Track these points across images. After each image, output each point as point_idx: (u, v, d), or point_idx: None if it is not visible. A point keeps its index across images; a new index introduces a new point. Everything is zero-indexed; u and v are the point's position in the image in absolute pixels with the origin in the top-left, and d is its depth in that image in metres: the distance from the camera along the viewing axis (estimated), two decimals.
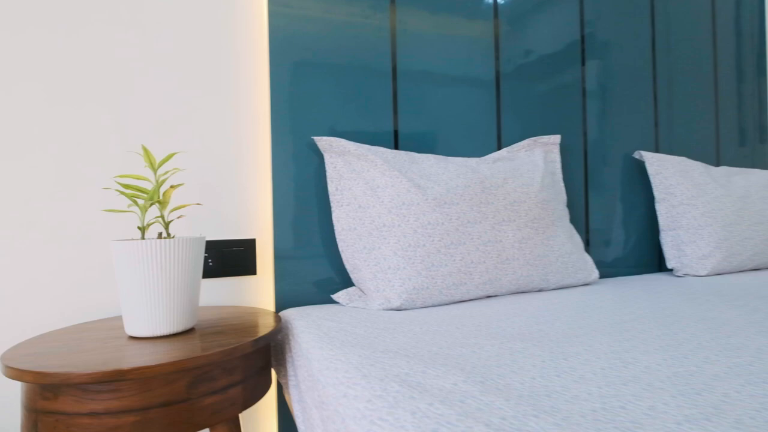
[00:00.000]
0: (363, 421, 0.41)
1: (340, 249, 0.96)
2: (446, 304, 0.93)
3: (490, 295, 0.99)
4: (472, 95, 1.18)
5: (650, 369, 0.51)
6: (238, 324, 0.77)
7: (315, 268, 1.00)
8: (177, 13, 0.96)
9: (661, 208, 1.33)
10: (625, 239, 1.39)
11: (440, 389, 0.45)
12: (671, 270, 1.40)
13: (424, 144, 1.12)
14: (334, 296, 0.95)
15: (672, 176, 1.32)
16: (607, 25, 1.37)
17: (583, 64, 1.33)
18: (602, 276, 1.34)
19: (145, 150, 0.71)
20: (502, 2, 1.22)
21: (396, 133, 1.09)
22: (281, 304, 0.97)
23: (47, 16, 0.87)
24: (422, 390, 0.45)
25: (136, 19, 0.93)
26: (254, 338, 0.67)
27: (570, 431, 0.36)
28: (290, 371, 0.74)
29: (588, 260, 1.13)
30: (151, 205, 0.72)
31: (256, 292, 1.01)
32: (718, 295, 0.96)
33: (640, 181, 1.40)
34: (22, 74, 0.85)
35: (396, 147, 1.09)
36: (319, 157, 1.01)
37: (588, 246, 1.32)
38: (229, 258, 0.98)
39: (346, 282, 1.02)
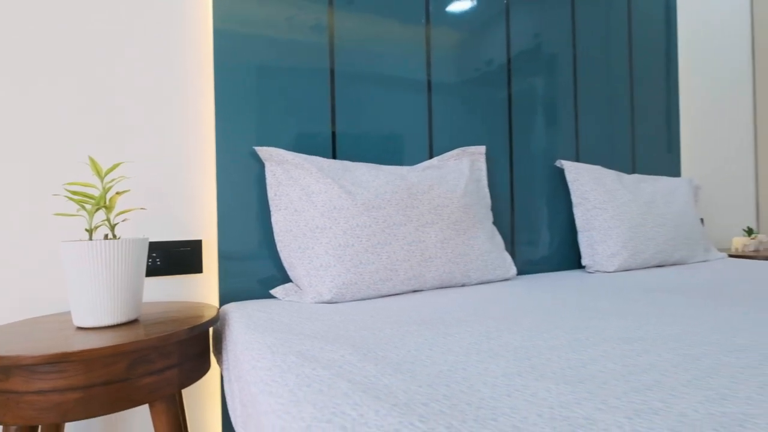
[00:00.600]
0: (260, 384, 0.52)
1: (279, 249, 1.06)
2: (374, 297, 1.04)
3: (416, 289, 1.11)
4: (406, 103, 1.30)
5: (507, 343, 0.63)
6: (180, 316, 0.86)
7: (257, 267, 1.10)
8: (126, 26, 1.04)
9: (577, 212, 1.49)
10: (550, 240, 1.54)
11: (328, 360, 0.56)
12: (585, 267, 1.56)
13: (359, 147, 1.23)
14: (272, 291, 1.05)
15: (587, 183, 1.47)
16: (532, 44, 1.52)
17: (510, 80, 1.47)
18: (529, 272, 1.49)
19: (92, 160, 0.80)
20: (445, 12, 1.35)
21: (334, 134, 1.20)
22: (225, 299, 1.06)
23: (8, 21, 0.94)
24: (313, 360, 0.56)
25: (86, 31, 1.01)
26: (189, 327, 0.77)
27: (409, 383, 0.48)
28: (224, 356, 0.84)
29: (507, 258, 1.27)
30: (98, 209, 0.80)
31: (202, 289, 1.10)
32: (613, 288, 1.11)
33: (562, 187, 1.56)
34: None
35: (333, 147, 1.20)
36: (261, 164, 1.11)
37: (514, 246, 1.46)
38: (176, 257, 1.07)
39: (286, 279, 1.12)
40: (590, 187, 1.47)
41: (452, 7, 1.38)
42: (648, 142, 1.77)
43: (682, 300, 0.92)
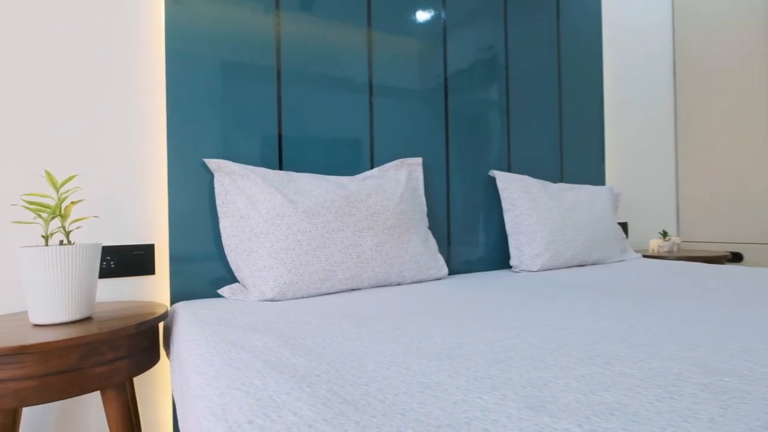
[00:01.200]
0: (192, 367, 0.63)
1: (226, 252, 1.16)
2: (313, 296, 1.16)
3: (354, 288, 1.24)
4: (349, 110, 1.42)
5: (409, 332, 0.76)
6: (130, 313, 0.95)
7: (207, 268, 1.19)
8: (81, 40, 1.12)
9: (507, 217, 1.64)
10: (486, 242, 1.70)
11: (252, 346, 0.68)
12: (512, 267, 1.72)
13: (304, 150, 1.35)
14: (220, 291, 1.15)
15: (515, 191, 1.63)
16: (468, 62, 1.67)
17: (447, 95, 1.62)
18: (465, 272, 1.63)
19: (48, 174, 0.88)
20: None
21: (281, 137, 1.31)
22: (176, 299, 1.16)
23: None
24: (239, 347, 0.67)
25: (39, 44, 1.08)
26: (138, 323, 0.86)
27: (313, 362, 0.60)
28: (172, 349, 0.94)
29: (439, 260, 1.41)
30: (54, 218, 0.89)
31: (155, 289, 1.19)
32: (527, 285, 1.26)
33: (494, 195, 1.72)
34: None
35: (280, 150, 1.31)
36: (210, 173, 1.21)
37: (450, 248, 1.61)
38: (130, 260, 1.15)
39: (234, 279, 1.22)
40: (518, 195, 1.63)
41: (396, 17, 1.51)
42: (575, 153, 1.96)
43: (576, 294, 1.08)
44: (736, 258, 2.20)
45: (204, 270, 1.19)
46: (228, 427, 0.43)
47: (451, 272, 1.61)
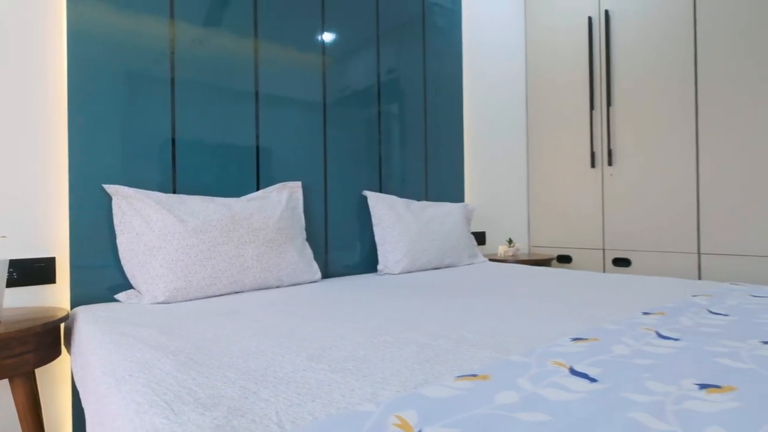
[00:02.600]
0: (91, 351, 0.87)
1: (122, 263, 1.37)
2: (201, 298, 1.41)
3: (237, 291, 1.50)
4: (238, 132, 1.68)
5: (263, 320, 1.05)
6: (36, 316, 1.14)
7: (105, 277, 1.39)
8: None
9: (376, 230, 2.00)
10: (360, 250, 2.04)
11: (139, 336, 0.93)
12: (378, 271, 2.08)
13: (196, 173, 1.59)
14: (117, 296, 1.36)
15: (383, 209, 1.99)
16: (345, 92, 2.00)
17: (326, 122, 1.93)
18: (342, 275, 1.96)
19: None
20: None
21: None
22: (77, 303, 1.34)
23: None
24: (129, 336, 0.93)
25: None
26: (42, 323, 1.07)
27: (182, 343, 0.87)
28: (72, 345, 1.15)
29: (314, 266, 1.72)
30: None
31: (57, 296, 1.36)
32: (381, 285, 1.61)
33: (367, 211, 2.06)
34: None
35: (174, 167, 1.54)
36: (109, 196, 1.41)
37: (327, 255, 1.92)
38: (33, 272, 1.32)
39: (130, 286, 1.43)
40: (385, 212, 1.99)
41: (281, 42, 1.80)
42: (438, 174, 2.37)
43: (412, 292, 1.44)
44: (567, 260, 2.77)
45: (102, 278, 1.39)
46: (114, 378, 0.69)
47: (330, 276, 1.92)
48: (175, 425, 0.51)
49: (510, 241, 2.55)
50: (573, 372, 0.66)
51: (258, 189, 1.74)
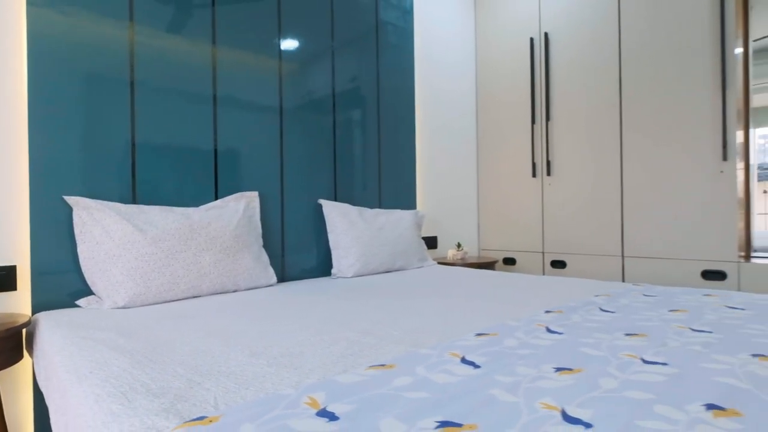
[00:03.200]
0: (54, 353, 0.97)
1: (83, 271, 1.46)
2: (160, 303, 1.50)
3: (195, 296, 1.61)
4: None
5: (212, 323, 1.17)
6: None
7: (66, 284, 1.47)
8: None
9: (330, 236, 2.13)
10: (316, 255, 2.17)
11: (99, 338, 1.04)
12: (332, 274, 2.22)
13: (156, 182, 1.68)
14: (78, 302, 1.45)
15: (336, 216, 2.13)
16: (303, 100, 2.12)
17: (282, 133, 2.05)
18: (299, 279, 2.08)
19: None
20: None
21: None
22: (38, 309, 1.42)
23: None
24: (89, 339, 1.03)
25: None
26: (5, 329, 1.15)
27: (137, 344, 0.98)
28: (34, 349, 1.23)
29: (270, 271, 1.84)
30: None
31: (19, 302, 1.43)
32: (329, 287, 1.74)
33: (322, 218, 2.19)
34: None
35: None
36: (69, 206, 1.49)
37: (284, 260, 2.04)
38: None
39: (90, 292, 1.52)
40: (338, 219, 2.13)
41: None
42: (391, 182, 2.53)
43: (357, 294, 1.58)
44: (512, 261, 2.98)
45: (62, 285, 1.47)
46: (77, 376, 0.80)
47: (287, 279, 2.04)
48: (129, 409, 0.64)
49: (458, 245, 2.73)
50: (463, 361, 0.82)
51: (216, 197, 1.84)
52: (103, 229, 1.47)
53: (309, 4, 2.17)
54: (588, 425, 0.56)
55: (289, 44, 2.09)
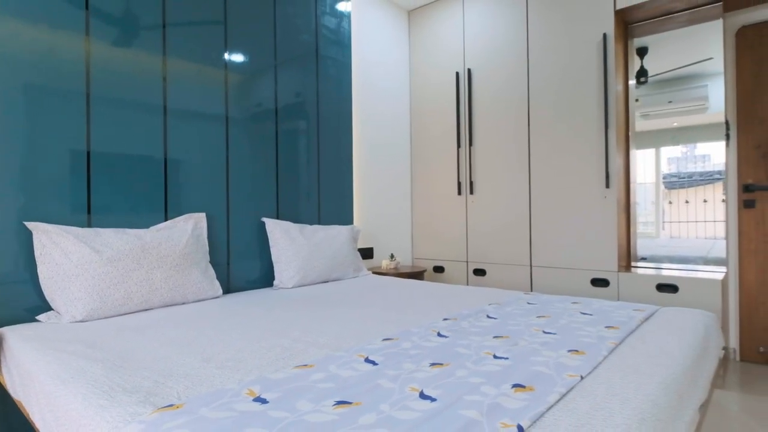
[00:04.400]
0: (30, 364, 1.16)
1: (43, 289, 1.61)
2: (116, 316, 1.68)
3: (147, 308, 1.79)
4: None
5: (165, 334, 1.38)
6: None
7: (26, 301, 1.62)
8: None
9: (273, 251, 2.37)
10: (260, 267, 2.39)
11: (71, 350, 1.23)
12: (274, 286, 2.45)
13: (110, 204, 1.85)
14: (38, 317, 1.60)
15: (278, 233, 2.37)
16: (246, 119, 2.34)
17: (228, 157, 2.26)
18: (244, 290, 2.29)
19: None
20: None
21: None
22: (1, 325, 1.56)
23: None
24: (61, 351, 1.22)
25: None
26: None
27: (99, 352, 1.19)
28: (4, 360, 1.39)
29: (216, 284, 2.05)
30: None
31: None
32: (267, 298, 1.98)
33: (265, 235, 2.42)
34: None
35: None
36: (29, 230, 1.63)
37: (229, 274, 2.25)
38: None
39: (50, 308, 1.67)
40: (280, 235, 2.36)
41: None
42: (329, 200, 2.79)
43: (290, 304, 1.83)
44: (441, 270, 3.33)
45: (23, 302, 1.61)
46: (60, 380, 1.01)
47: (232, 291, 2.25)
48: (113, 403, 0.87)
49: (391, 256, 3.04)
50: (366, 360, 1.10)
51: (166, 209, 2.03)
52: (62, 251, 1.63)
53: (253, 23, 2.39)
54: (434, 399, 0.86)
55: (235, 57, 2.30)
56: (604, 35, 2.55)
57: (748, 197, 2.63)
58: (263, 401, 0.85)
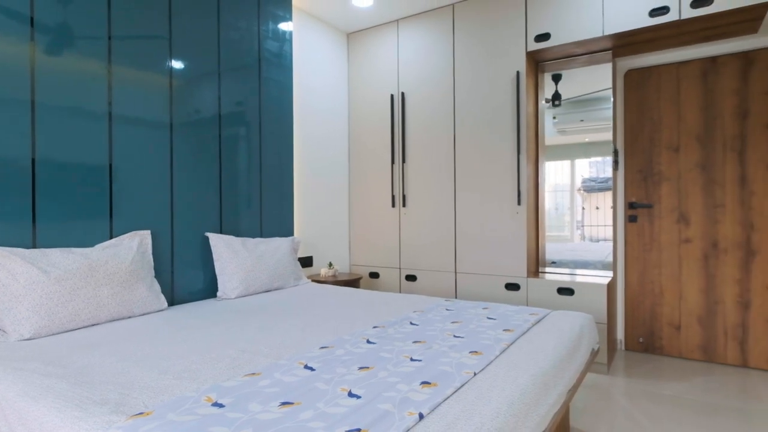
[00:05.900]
0: None
1: None
2: (64, 332, 1.77)
3: (94, 324, 1.88)
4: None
5: (117, 349, 1.51)
6: None
7: None
8: None
9: (217, 264, 2.50)
10: (204, 279, 2.51)
11: (29, 369, 1.33)
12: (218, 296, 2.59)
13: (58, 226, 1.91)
14: None
15: (222, 247, 2.50)
16: (187, 132, 2.46)
17: (173, 171, 2.37)
18: (188, 301, 2.41)
19: None
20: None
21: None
22: None
23: None
24: (21, 369, 1.32)
25: None
26: None
27: (58, 368, 1.31)
28: None
29: (161, 297, 2.16)
30: None
31: None
32: (210, 309, 2.13)
33: (209, 248, 2.55)
34: None
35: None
36: None
37: (173, 285, 2.36)
38: None
39: None
40: (223, 249, 2.50)
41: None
42: (271, 214, 2.96)
43: (237, 316, 1.99)
44: (377, 275, 3.59)
45: None
46: (30, 397, 1.14)
47: (177, 302, 2.36)
48: (87, 414, 1.02)
49: (330, 265, 3.25)
50: (305, 367, 1.32)
51: (111, 227, 2.11)
52: (8, 272, 1.70)
53: (197, 33, 2.51)
54: (359, 397, 1.10)
55: (178, 64, 2.41)
56: (518, 72, 2.92)
57: (632, 213, 3.12)
58: (220, 405, 1.05)
